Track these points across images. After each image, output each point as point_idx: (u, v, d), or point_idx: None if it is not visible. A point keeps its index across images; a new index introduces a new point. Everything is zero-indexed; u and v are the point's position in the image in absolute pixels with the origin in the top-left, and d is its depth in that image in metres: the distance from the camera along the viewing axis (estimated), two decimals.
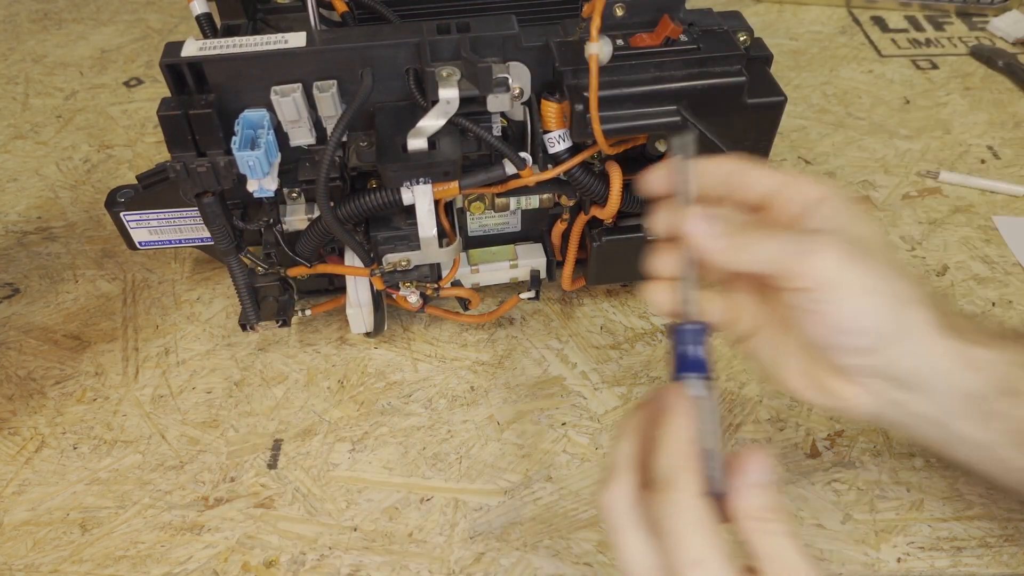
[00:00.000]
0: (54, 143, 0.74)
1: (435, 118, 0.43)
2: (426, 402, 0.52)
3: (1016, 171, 0.68)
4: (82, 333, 0.57)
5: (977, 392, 0.34)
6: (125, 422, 0.52)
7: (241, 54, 0.41)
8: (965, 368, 0.34)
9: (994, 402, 0.34)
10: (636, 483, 0.31)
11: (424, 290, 0.50)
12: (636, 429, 0.32)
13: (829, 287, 0.32)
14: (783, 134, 0.72)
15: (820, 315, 0.32)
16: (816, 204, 0.34)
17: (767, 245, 0.32)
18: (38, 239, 0.65)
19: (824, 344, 0.34)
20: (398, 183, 0.44)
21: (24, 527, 0.46)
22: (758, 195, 0.35)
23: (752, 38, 0.46)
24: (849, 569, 0.43)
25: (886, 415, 0.35)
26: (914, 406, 0.35)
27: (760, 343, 0.37)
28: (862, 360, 0.34)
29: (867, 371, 0.34)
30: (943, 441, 0.36)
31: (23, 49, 0.88)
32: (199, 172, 0.42)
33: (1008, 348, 0.35)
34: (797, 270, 0.32)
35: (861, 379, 0.34)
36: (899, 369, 0.34)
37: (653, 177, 0.35)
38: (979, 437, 0.35)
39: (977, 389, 0.34)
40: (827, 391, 0.35)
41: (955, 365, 0.34)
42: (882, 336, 0.33)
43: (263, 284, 0.51)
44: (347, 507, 0.47)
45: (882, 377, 0.34)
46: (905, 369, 0.34)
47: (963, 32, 0.86)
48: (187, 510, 0.47)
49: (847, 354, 0.33)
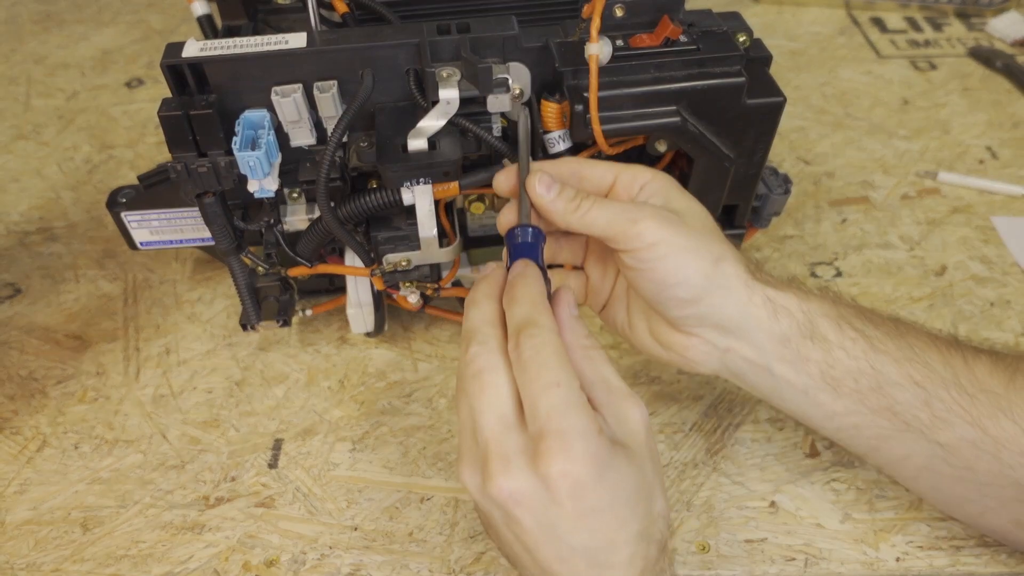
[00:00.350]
0: (56, 143, 0.74)
1: (435, 118, 0.43)
2: (426, 402, 0.52)
3: (1014, 171, 0.68)
4: (83, 333, 0.57)
5: (786, 335, 0.39)
6: (126, 422, 0.52)
7: (242, 55, 0.41)
8: (774, 314, 0.39)
9: (802, 345, 0.39)
10: (496, 347, 0.34)
11: (424, 290, 0.51)
12: (487, 297, 0.36)
13: (653, 247, 0.37)
14: (782, 135, 0.72)
15: (649, 272, 0.38)
16: (646, 184, 0.40)
17: (603, 212, 0.38)
18: (40, 239, 0.65)
19: (656, 299, 0.39)
20: (398, 183, 0.44)
21: (26, 526, 0.46)
22: (600, 186, 0.41)
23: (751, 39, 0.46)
24: (848, 568, 0.43)
25: (725, 365, 0.41)
26: (742, 351, 0.40)
27: (612, 310, 0.44)
28: (689, 310, 0.39)
29: (695, 320, 0.40)
30: (772, 390, 0.41)
31: (25, 50, 0.88)
32: (200, 172, 0.42)
33: (812, 300, 0.40)
34: (628, 233, 0.37)
35: (693, 329, 0.40)
36: (721, 316, 0.39)
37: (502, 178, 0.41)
38: (797, 381, 0.40)
39: (786, 332, 0.39)
40: (669, 345, 0.41)
41: (765, 311, 0.39)
42: (702, 287, 0.38)
43: (264, 284, 0.51)
44: (347, 506, 0.47)
45: (709, 325, 0.40)
46: (726, 316, 0.39)
47: (962, 33, 0.86)
48: (188, 509, 0.47)
49: (676, 305, 0.39)
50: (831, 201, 0.66)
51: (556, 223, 0.39)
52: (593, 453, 0.31)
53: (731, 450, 0.49)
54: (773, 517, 0.46)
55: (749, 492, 0.47)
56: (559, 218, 0.39)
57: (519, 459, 0.31)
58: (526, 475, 0.31)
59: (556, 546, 0.32)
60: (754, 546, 0.44)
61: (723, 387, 0.53)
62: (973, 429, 0.37)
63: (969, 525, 0.43)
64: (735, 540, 0.45)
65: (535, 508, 0.31)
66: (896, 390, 0.38)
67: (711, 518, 0.46)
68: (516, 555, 0.34)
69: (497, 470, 0.31)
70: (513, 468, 0.31)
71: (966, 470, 0.38)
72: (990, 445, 0.37)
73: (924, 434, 0.38)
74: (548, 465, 0.30)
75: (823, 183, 0.68)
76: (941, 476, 0.39)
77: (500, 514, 0.33)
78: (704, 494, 0.47)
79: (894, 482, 0.47)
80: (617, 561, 0.32)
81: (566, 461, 0.30)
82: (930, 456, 0.39)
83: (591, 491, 0.31)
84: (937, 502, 0.42)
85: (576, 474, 0.31)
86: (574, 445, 0.31)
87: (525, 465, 0.31)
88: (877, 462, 0.42)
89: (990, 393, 0.38)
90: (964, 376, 0.38)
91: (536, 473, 0.31)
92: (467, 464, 0.34)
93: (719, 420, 0.51)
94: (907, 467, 0.40)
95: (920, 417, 0.38)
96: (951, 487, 0.40)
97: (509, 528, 0.33)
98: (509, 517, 0.32)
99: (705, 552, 0.44)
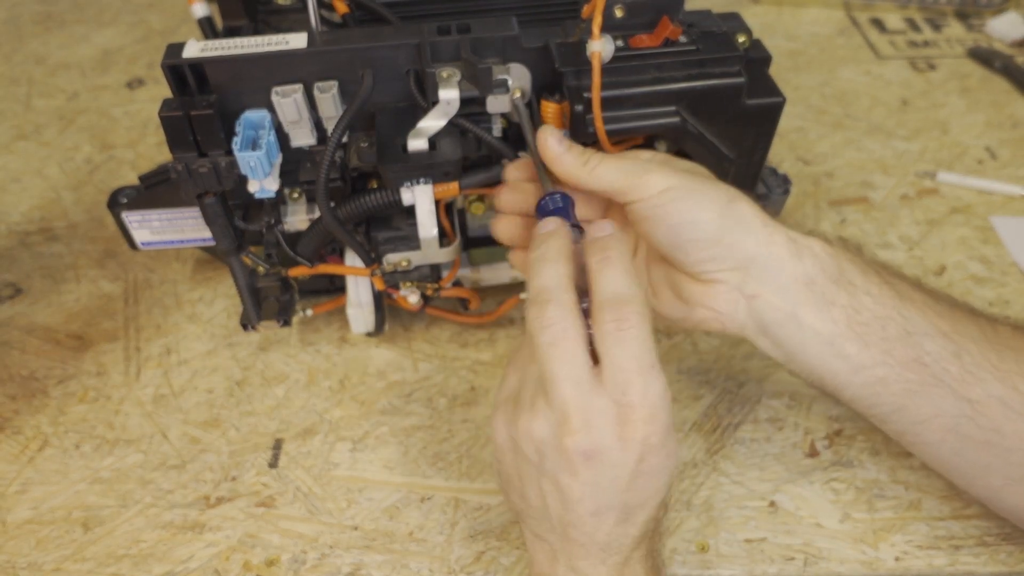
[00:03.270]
0: (56, 144, 0.75)
1: (435, 119, 0.43)
2: (426, 402, 0.53)
3: (1013, 171, 0.68)
4: (84, 333, 0.57)
5: (811, 276, 0.38)
6: (127, 421, 0.52)
7: (242, 55, 0.41)
8: (797, 254, 0.38)
9: (827, 288, 0.38)
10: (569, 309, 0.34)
11: (424, 290, 0.51)
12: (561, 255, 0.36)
13: (664, 192, 0.38)
14: (782, 135, 0.72)
15: (663, 217, 0.38)
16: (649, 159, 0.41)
17: (612, 165, 0.39)
18: (40, 239, 0.65)
19: (674, 247, 0.39)
20: (398, 183, 0.44)
21: (27, 526, 0.47)
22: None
23: (751, 39, 0.46)
24: (848, 568, 0.43)
25: (751, 317, 0.39)
26: (767, 297, 0.39)
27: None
28: (707, 252, 0.38)
29: (715, 262, 0.39)
30: (798, 345, 0.39)
31: (26, 50, 0.88)
32: (200, 173, 0.42)
33: (836, 244, 0.40)
34: (638, 183, 0.38)
35: (715, 274, 0.39)
36: (742, 254, 0.38)
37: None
38: (823, 329, 0.38)
39: (810, 273, 0.38)
40: (693, 299, 0.40)
41: (787, 251, 0.38)
42: (718, 224, 0.38)
43: (264, 284, 0.51)
44: (348, 506, 0.47)
45: (730, 268, 0.39)
46: (747, 255, 0.38)
47: (961, 34, 0.87)
48: (188, 509, 0.47)
49: (694, 248, 0.38)
50: (830, 201, 0.66)
51: (567, 180, 0.40)
52: (667, 422, 0.33)
53: (731, 450, 0.49)
54: (772, 517, 0.46)
55: (749, 492, 0.47)
56: (570, 173, 0.39)
57: (601, 420, 0.33)
58: (609, 436, 0.33)
59: (599, 501, 0.34)
60: (753, 546, 0.45)
61: (723, 387, 0.53)
62: (1003, 386, 0.37)
63: (986, 504, 0.42)
64: (734, 540, 0.45)
65: (604, 465, 0.33)
66: (925, 340, 0.37)
67: (711, 518, 0.46)
68: (543, 503, 0.35)
69: (578, 427, 0.33)
70: (596, 428, 0.33)
71: (993, 432, 0.37)
72: (1019, 404, 0.37)
73: (953, 389, 0.37)
74: (635, 431, 0.33)
75: (822, 183, 0.68)
76: (967, 440, 0.38)
77: (558, 463, 0.34)
78: (704, 494, 0.47)
79: (894, 481, 0.47)
80: (639, 521, 0.35)
81: (651, 428, 0.33)
82: (957, 416, 0.38)
83: (655, 455, 0.33)
84: (957, 473, 0.41)
85: (653, 441, 0.33)
86: (659, 415, 0.33)
87: (607, 427, 0.33)
88: (899, 426, 0.40)
89: (1019, 351, 0.37)
90: (990, 333, 0.38)
91: (621, 436, 0.33)
92: (519, 409, 0.35)
93: (719, 420, 0.51)
94: (932, 430, 0.39)
95: (950, 370, 0.37)
96: (976, 453, 0.38)
97: (558, 478, 0.34)
98: (570, 468, 0.33)
99: (704, 552, 0.44)
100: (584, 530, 0.35)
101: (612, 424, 0.33)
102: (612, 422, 0.33)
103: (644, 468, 0.33)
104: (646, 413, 0.33)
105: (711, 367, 0.54)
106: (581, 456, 0.33)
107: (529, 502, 0.36)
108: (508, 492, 0.38)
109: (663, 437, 0.33)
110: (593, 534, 0.35)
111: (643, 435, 0.33)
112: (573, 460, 0.33)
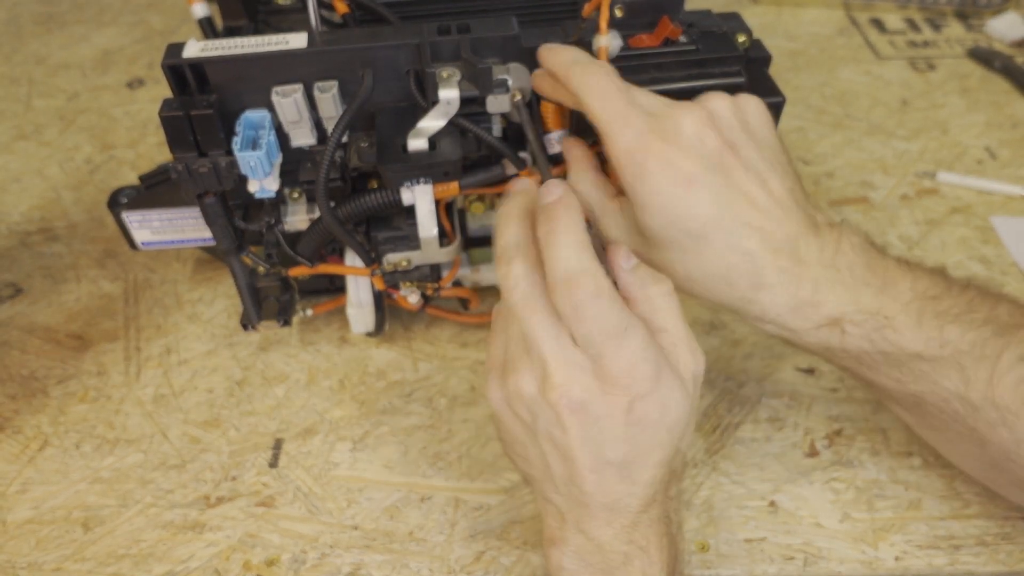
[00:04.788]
0: (57, 144, 0.75)
1: (435, 119, 0.43)
2: (426, 401, 0.53)
3: (1013, 171, 0.69)
4: (84, 333, 0.57)
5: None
6: (127, 421, 0.52)
7: (242, 55, 0.41)
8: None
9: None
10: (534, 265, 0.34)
11: (424, 290, 0.51)
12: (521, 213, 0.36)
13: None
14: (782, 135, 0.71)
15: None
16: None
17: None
18: (41, 239, 0.65)
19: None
20: (398, 183, 0.44)
21: (27, 525, 0.47)
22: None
23: (751, 39, 0.46)
24: (847, 567, 0.43)
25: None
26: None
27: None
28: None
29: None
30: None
31: (26, 50, 0.88)
32: (201, 172, 0.42)
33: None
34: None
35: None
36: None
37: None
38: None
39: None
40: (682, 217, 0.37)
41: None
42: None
43: (264, 284, 0.51)
44: (348, 506, 0.47)
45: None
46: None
47: (960, 34, 0.87)
48: (189, 509, 0.47)
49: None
50: (830, 201, 0.66)
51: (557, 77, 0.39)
52: (651, 372, 0.33)
53: (731, 450, 0.49)
54: (772, 516, 0.46)
55: (749, 491, 0.47)
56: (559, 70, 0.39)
57: (580, 373, 0.33)
58: (590, 387, 0.33)
59: (595, 456, 0.34)
60: (753, 545, 0.45)
61: (723, 387, 0.53)
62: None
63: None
64: (735, 539, 0.45)
65: (591, 417, 0.33)
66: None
67: (711, 517, 0.46)
68: (545, 464, 0.35)
69: (560, 379, 0.33)
70: (576, 380, 0.33)
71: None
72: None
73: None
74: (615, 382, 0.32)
75: (822, 183, 0.68)
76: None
77: (549, 419, 0.34)
78: (704, 494, 0.47)
79: (893, 481, 0.47)
80: (641, 479, 0.34)
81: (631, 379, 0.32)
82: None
83: (645, 404, 0.33)
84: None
85: (638, 390, 0.33)
86: (639, 367, 0.33)
87: (587, 379, 0.33)
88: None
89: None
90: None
91: (602, 389, 0.33)
92: (506, 371, 0.35)
93: (719, 420, 0.51)
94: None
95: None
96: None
97: (551, 435, 0.34)
98: (559, 423, 0.33)
99: (705, 551, 0.44)
100: (586, 489, 0.34)
101: (591, 377, 0.33)
102: (591, 375, 0.33)
103: (634, 419, 0.33)
104: (623, 368, 0.33)
105: (711, 367, 0.54)
106: (567, 410, 0.33)
107: (532, 464, 0.36)
108: (513, 458, 0.38)
109: (651, 385, 0.33)
110: (595, 494, 0.34)
111: (624, 384, 0.33)
112: (560, 414, 0.33)
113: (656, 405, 0.33)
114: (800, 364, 0.54)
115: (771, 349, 0.55)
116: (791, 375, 0.53)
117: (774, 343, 0.55)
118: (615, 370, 0.33)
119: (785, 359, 0.54)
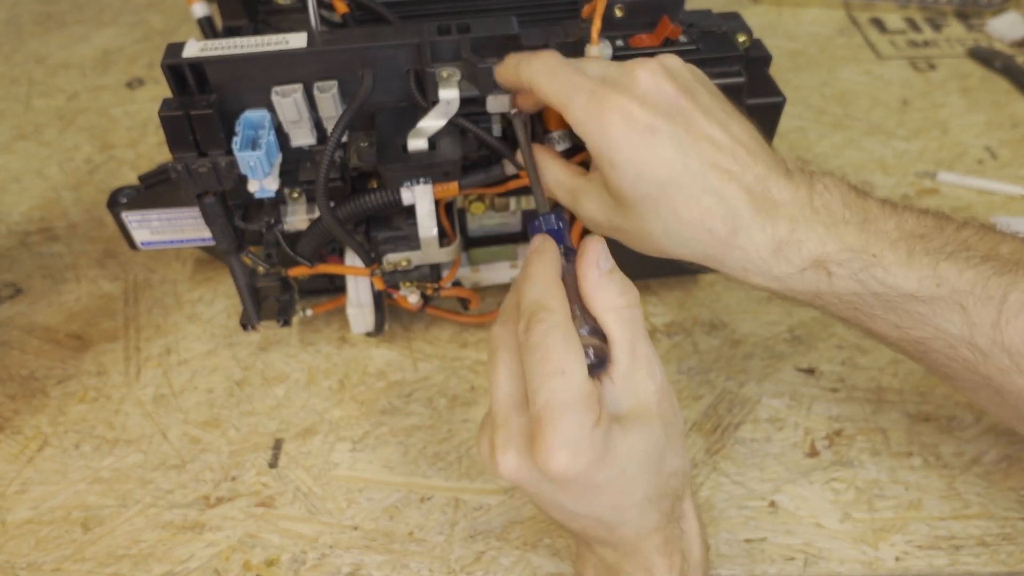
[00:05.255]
0: (56, 144, 0.75)
1: (435, 119, 0.43)
2: (426, 401, 0.53)
3: (1013, 171, 0.68)
4: (84, 333, 0.57)
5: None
6: (127, 421, 0.52)
7: (242, 55, 0.41)
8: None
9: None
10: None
11: (424, 290, 0.51)
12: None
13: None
14: (782, 135, 0.72)
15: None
16: None
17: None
18: (40, 239, 0.65)
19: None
20: (398, 183, 0.44)
21: (27, 525, 0.47)
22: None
23: (751, 39, 0.46)
24: (848, 568, 0.43)
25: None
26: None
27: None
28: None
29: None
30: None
31: (26, 50, 0.88)
32: (200, 172, 0.42)
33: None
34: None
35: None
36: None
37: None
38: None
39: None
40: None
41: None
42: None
43: (264, 284, 0.51)
44: (348, 506, 0.47)
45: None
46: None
47: (961, 34, 0.87)
48: (188, 509, 0.47)
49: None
50: None
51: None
52: (588, 448, 0.31)
53: (731, 450, 0.49)
54: (773, 517, 0.46)
55: (749, 492, 0.47)
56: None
57: (519, 440, 0.32)
58: (525, 458, 0.32)
59: (564, 513, 0.34)
60: (754, 545, 0.45)
61: (723, 387, 0.53)
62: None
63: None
64: (735, 539, 0.45)
65: (534, 486, 0.33)
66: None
67: (711, 518, 0.46)
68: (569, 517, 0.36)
69: (499, 446, 0.33)
70: (512, 449, 0.32)
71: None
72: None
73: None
74: (543, 458, 0.31)
75: None
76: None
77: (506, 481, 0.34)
78: (704, 494, 0.47)
79: (894, 481, 0.47)
80: (626, 521, 0.34)
81: (561, 454, 0.31)
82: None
83: (590, 476, 0.31)
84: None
85: (573, 468, 0.31)
86: (569, 439, 0.31)
87: (524, 448, 0.32)
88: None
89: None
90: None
91: (534, 459, 0.31)
92: (483, 431, 0.35)
93: (719, 420, 0.51)
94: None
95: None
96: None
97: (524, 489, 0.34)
98: (514, 486, 0.34)
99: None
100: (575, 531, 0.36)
101: (526, 444, 0.32)
102: (527, 441, 0.32)
103: (583, 487, 0.32)
104: (551, 438, 0.31)
105: (711, 367, 0.54)
106: (512, 478, 0.33)
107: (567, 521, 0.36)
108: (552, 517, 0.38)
109: (589, 458, 0.31)
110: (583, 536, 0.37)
111: (555, 465, 0.31)
112: (509, 480, 0.33)
113: (605, 471, 0.32)
114: (800, 364, 0.54)
115: (771, 349, 0.55)
116: (791, 375, 0.53)
117: (774, 343, 0.55)
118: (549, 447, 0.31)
119: (785, 359, 0.54)
